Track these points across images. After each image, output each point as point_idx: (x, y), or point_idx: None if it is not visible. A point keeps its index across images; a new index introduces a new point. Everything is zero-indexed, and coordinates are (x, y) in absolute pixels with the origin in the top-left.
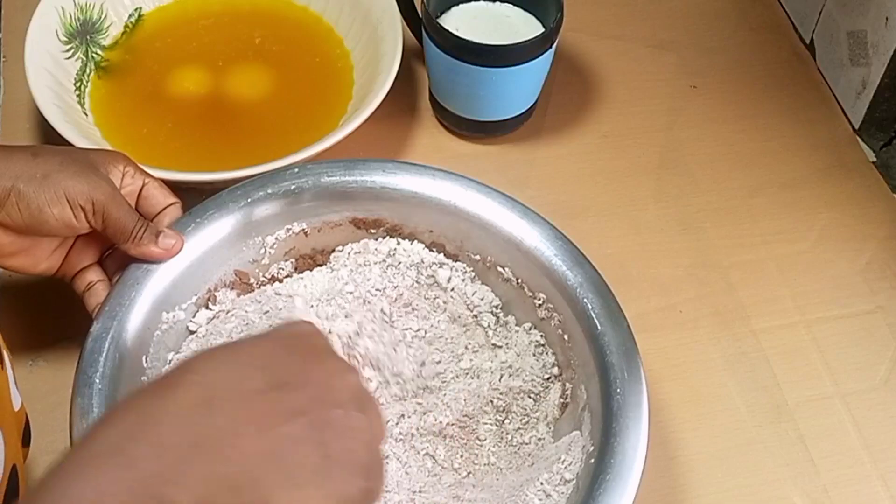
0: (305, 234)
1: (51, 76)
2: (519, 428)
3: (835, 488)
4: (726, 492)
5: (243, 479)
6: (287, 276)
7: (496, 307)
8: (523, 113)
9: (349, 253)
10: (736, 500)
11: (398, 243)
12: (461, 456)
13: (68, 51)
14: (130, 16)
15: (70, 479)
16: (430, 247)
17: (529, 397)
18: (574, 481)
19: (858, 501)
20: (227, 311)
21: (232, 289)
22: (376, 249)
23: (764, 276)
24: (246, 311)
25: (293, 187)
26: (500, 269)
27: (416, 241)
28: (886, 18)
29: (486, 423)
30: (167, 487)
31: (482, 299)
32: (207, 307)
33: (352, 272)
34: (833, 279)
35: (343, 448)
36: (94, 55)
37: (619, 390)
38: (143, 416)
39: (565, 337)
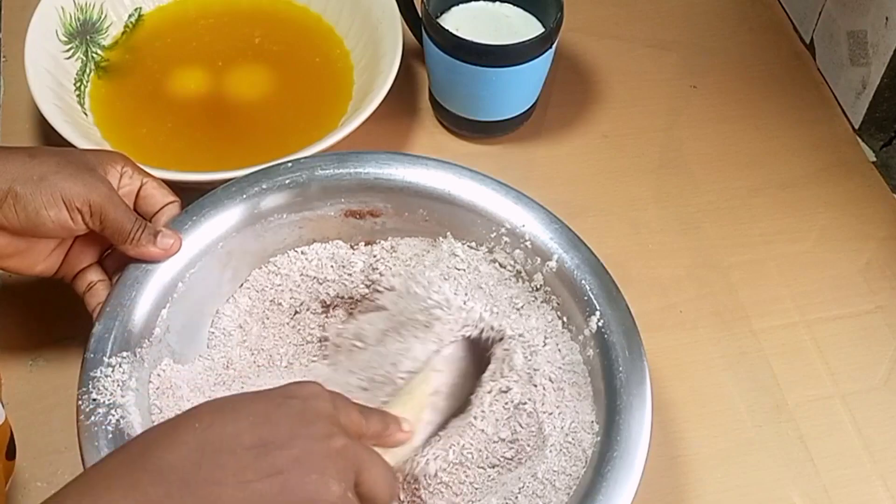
0: (301, 227)
1: (51, 76)
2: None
3: (835, 488)
4: (726, 492)
5: None
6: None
7: None
8: (523, 113)
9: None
10: (736, 500)
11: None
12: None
13: (68, 51)
14: (130, 16)
15: (83, 492)
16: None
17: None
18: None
19: (858, 501)
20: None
21: None
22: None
23: (764, 276)
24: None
25: (288, 181)
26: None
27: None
28: (886, 18)
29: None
30: None
31: None
32: None
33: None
34: (833, 279)
35: None
36: (94, 55)
37: (621, 368)
38: (149, 446)
39: (564, 319)
